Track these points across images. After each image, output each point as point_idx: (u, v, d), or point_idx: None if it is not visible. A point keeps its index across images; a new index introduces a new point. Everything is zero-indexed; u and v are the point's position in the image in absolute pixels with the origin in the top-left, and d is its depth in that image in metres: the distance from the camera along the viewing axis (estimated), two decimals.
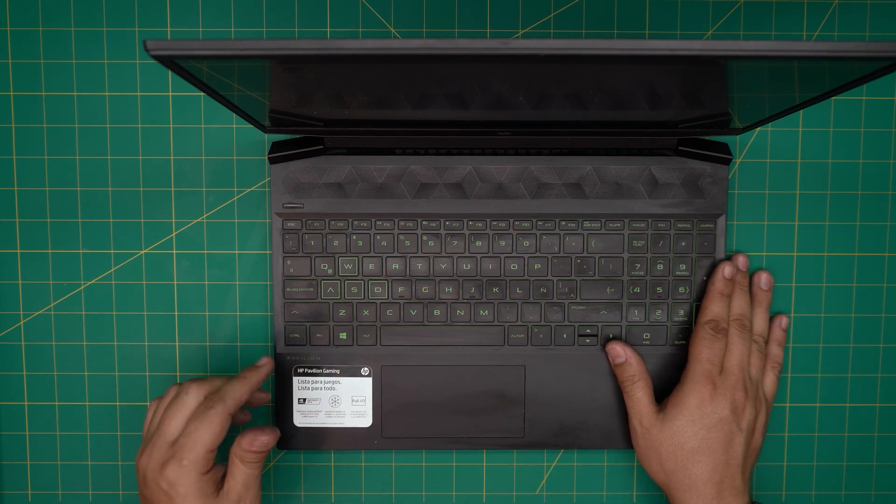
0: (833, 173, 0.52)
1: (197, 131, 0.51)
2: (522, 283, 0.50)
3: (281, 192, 0.49)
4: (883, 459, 0.53)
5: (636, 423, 0.48)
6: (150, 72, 0.50)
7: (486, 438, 0.50)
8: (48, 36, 0.50)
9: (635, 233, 0.50)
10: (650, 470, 0.47)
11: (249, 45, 0.27)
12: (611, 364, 0.49)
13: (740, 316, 0.48)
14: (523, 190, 0.49)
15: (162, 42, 0.27)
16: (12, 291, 0.51)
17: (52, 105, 0.50)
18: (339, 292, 0.50)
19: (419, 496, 0.53)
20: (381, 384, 0.50)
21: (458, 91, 0.37)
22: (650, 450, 0.47)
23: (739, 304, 0.48)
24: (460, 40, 0.27)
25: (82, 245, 0.51)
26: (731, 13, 0.50)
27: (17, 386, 0.52)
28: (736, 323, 0.48)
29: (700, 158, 0.49)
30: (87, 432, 0.52)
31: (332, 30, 0.50)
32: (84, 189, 0.51)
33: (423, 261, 0.50)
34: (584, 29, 0.50)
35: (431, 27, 0.50)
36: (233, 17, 0.50)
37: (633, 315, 0.50)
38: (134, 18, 0.50)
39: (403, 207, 0.49)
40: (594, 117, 0.44)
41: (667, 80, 0.36)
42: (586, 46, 0.27)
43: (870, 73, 0.31)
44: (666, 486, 0.47)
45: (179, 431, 0.42)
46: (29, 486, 0.52)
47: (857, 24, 0.50)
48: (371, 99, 0.39)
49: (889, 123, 0.51)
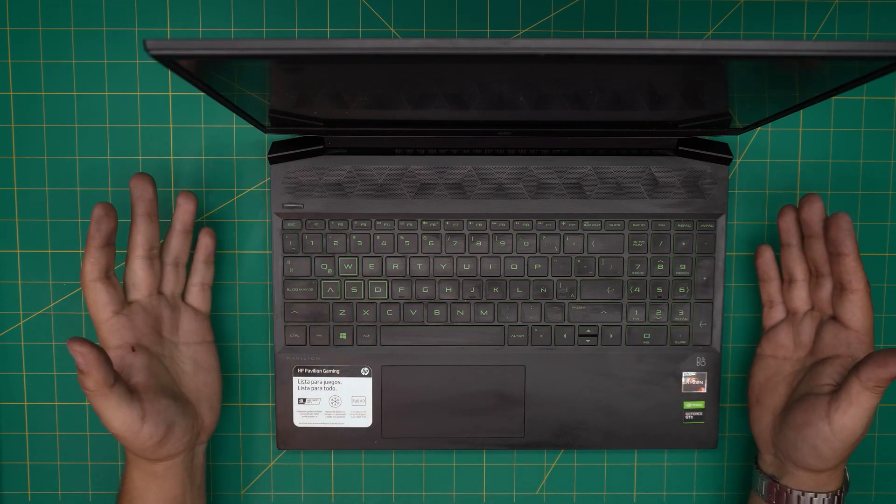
0: (833, 173, 0.51)
1: (197, 131, 0.51)
2: (522, 283, 0.50)
3: (281, 192, 0.49)
4: (883, 459, 0.53)
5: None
6: (150, 72, 0.50)
7: (486, 438, 0.50)
8: (48, 36, 0.50)
9: (635, 233, 0.50)
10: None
11: (249, 45, 0.27)
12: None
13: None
14: (523, 190, 0.49)
15: (162, 42, 0.27)
16: (12, 291, 0.51)
17: (52, 105, 0.50)
18: (339, 292, 0.50)
19: (419, 496, 0.53)
20: (381, 384, 0.50)
21: (457, 91, 0.37)
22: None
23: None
24: (460, 40, 0.27)
25: (82, 245, 0.51)
26: (731, 13, 0.50)
27: (17, 386, 0.52)
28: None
29: (700, 158, 0.49)
30: (86, 432, 0.52)
31: (332, 30, 0.50)
32: (84, 189, 0.51)
33: (423, 261, 0.50)
34: (584, 29, 0.50)
35: (431, 27, 0.50)
36: (233, 17, 0.50)
37: (633, 315, 0.50)
38: (134, 18, 0.50)
39: (403, 207, 0.49)
40: (594, 117, 0.44)
41: (667, 80, 0.36)
42: (586, 46, 0.27)
43: (870, 73, 0.31)
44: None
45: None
46: (29, 486, 0.52)
47: (857, 24, 0.50)
48: (371, 99, 0.39)
49: (889, 123, 0.51)
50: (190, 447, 0.44)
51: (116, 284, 0.43)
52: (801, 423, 0.43)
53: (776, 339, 0.47)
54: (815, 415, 0.42)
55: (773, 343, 0.47)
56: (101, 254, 0.41)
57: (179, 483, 0.44)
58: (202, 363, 0.46)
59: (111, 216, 0.41)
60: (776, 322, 0.48)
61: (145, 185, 0.43)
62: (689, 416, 0.50)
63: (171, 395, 0.43)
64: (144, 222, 0.43)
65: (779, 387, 0.46)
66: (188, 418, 0.43)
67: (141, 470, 0.43)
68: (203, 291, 0.47)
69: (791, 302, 0.47)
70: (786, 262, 0.47)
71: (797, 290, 0.47)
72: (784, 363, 0.47)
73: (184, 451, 0.44)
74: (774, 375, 0.47)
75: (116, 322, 0.42)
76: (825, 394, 0.42)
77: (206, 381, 0.46)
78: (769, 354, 0.47)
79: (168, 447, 0.42)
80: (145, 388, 0.41)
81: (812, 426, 0.42)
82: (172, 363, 0.45)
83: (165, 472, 0.43)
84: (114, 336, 0.42)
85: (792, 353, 0.47)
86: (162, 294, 0.45)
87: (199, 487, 0.46)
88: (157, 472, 0.43)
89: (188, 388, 0.45)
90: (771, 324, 0.48)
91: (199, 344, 0.46)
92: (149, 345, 0.44)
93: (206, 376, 0.46)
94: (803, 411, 0.43)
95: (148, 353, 0.43)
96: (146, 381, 0.42)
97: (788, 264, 0.47)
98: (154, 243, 0.44)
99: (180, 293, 0.47)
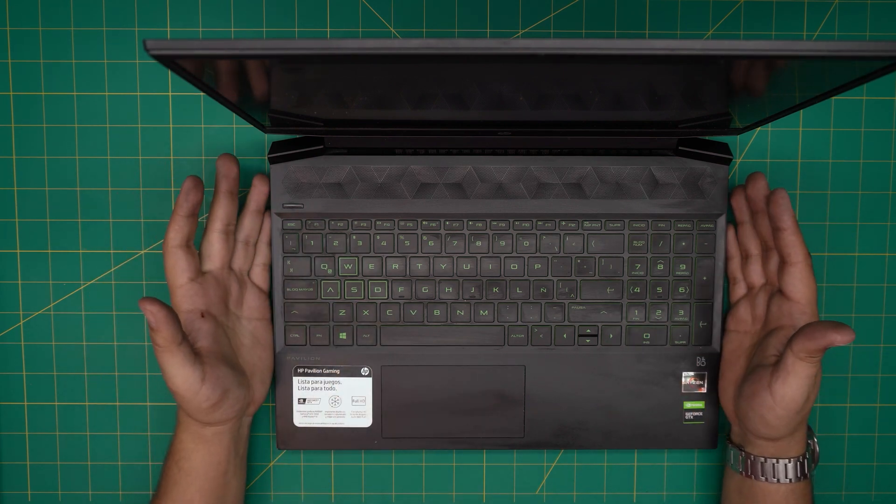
0: (833, 173, 0.52)
1: (197, 131, 0.51)
2: (522, 283, 0.50)
3: (281, 192, 0.49)
4: (883, 459, 0.53)
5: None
6: (150, 72, 0.50)
7: (486, 438, 0.50)
8: (48, 36, 0.50)
9: (635, 233, 0.50)
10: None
11: (249, 45, 0.27)
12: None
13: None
14: (523, 190, 0.49)
15: (162, 42, 0.27)
16: (12, 291, 0.51)
17: (52, 105, 0.50)
18: (339, 292, 0.50)
19: (419, 496, 0.53)
20: (381, 384, 0.50)
21: (457, 91, 0.37)
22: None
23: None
24: (460, 40, 0.27)
25: (82, 245, 0.51)
26: (731, 13, 0.50)
27: (17, 386, 0.52)
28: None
29: (700, 158, 0.49)
30: (86, 432, 0.52)
31: (332, 30, 0.50)
32: (84, 189, 0.51)
33: (423, 261, 0.50)
34: (584, 29, 0.50)
35: (431, 27, 0.50)
36: (233, 17, 0.50)
37: (633, 315, 0.50)
38: (134, 18, 0.50)
39: (403, 207, 0.49)
40: (594, 117, 0.44)
41: (667, 80, 0.36)
42: (586, 46, 0.27)
43: (870, 73, 0.31)
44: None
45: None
46: (29, 486, 0.52)
47: (857, 24, 0.50)
48: (371, 99, 0.39)
49: (889, 123, 0.51)
50: (239, 416, 0.46)
51: (195, 253, 0.45)
52: (749, 394, 0.45)
53: (737, 314, 0.49)
54: (760, 385, 0.44)
55: (736, 318, 0.49)
56: (185, 223, 0.44)
57: (225, 449, 0.46)
58: (259, 339, 0.48)
59: (199, 189, 0.44)
60: (738, 297, 0.50)
61: (230, 164, 0.46)
62: (689, 416, 0.50)
63: (229, 364, 0.45)
64: (225, 198, 0.46)
65: (739, 360, 0.48)
66: (242, 388, 0.45)
67: (191, 433, 0.45)
68: (264, 271, 0.50)
69: (748, 277, 0.49)
70: (741, 239, 0.50)
71: (752, 265, 0.49)
72: (745, 337, 0.49)
73: (234, 418, 0.46)
74: (737, 349, 0.49)
75: (191, 288, 0.45)
76: (769, 364, 0.44)
77: (260, 355, 0.48)
78: (732, 329, 0.49)
79: (220, 412, 0.44)
80: (208, 352, 0.44)
81: (758, 396, 0.44)
82: (234, 335, 0.47)
83: (213, 436, 0.45)
84: (186, 301, 0.45)
85: (750, 326, 0.49)
86: (232, 269, 0.48)
87: (241, 458, 0.48)
88: (206, 437, 0.45)
89: (244, 360, 0.47)
90: (734, 299, 0.50)
91: (259, 320, 0.49)
92: (216, 314, 0.46)
93: (261, 351, 0.48)
94: (752, 382, 0.45)
95: (215, 321, 0.46)
96: (210, 346, 0.44)
97: (743, 241, 0.49)
98: (231, 219, 0.47)
99: (248, 269, 0.49)
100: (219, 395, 0.43)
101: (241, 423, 0.47)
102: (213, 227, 0.46)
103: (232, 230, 0.47)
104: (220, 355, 0.44)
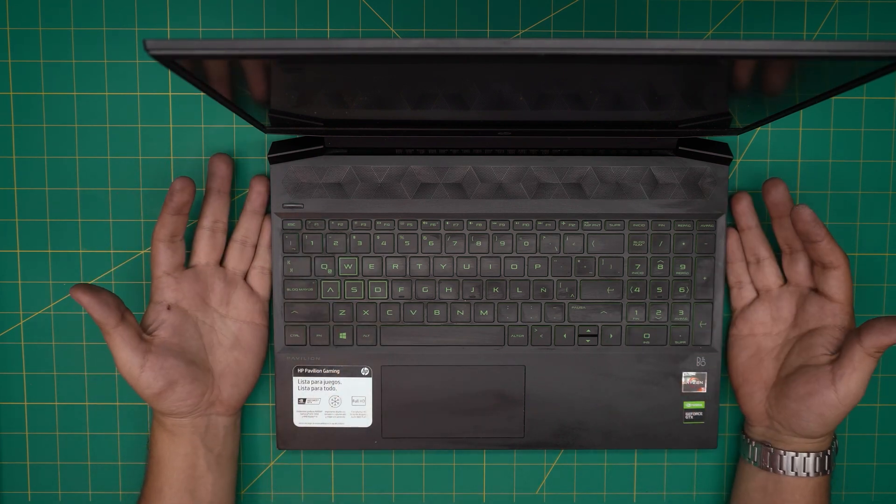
0: (833, 173, 0.52)
1: (197, 131, 0.51)
2: (522, 283, 0.50)
3: (281, 192, 0.49)
4: (883, 459, 0.53)
5: None
6: (150, 72, 0.50)
7: (486, 438, 0.50)
8: (48, 36, 0.50)
9: (635, 233, 0.50)
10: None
11: (249, 45, 0.27)
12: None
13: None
14: (523, 190, 0.49)
15: (162, 42, 0.27)
16: (12, 291, 0.51)
17: (52, 105, 0.50)
18: (339, 292, 0.50)
19: (419, 496, 0.53)
20: (381, 384, 0.50)
21: (457, 91, 0.37)
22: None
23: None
24: (460, 40, 0.27)
25: (82, 245, 0.51)
26: (731, 13, 0.50)
27: (17, 386, 0.52)
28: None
29: (700, 158, 0.49)
30: (86, 432, 0.52)
31: (332, 30, 0.50)
32: (84, 189, 0.51)
33: (423, 261, 0.50)
34: (584, 29, 0.50)
35: (431, 27, 0.50)
36: (233, 17, 0.50)
37: (633, 315, 0.50)
38: (134, 18, 0.50)
39: (403, 207, 0.49)
40: (594, 117, 0.44)
41: (667, 80, 0.36)
42: (586, 46, 0.27)
43: (870, 73, 0.31)
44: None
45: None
46: (29, 486, 0.52)
47: (857, 24, 0.50)
48: (371, 99, 0.39)
49: (889, 123, 0.51)
50: (198, 412, 0.46)
51: (177, 250, 0.46)
52: (804, 394, 0.45)
53: (752, 318, 0.49)
54: (820, 384, 0.44)
55: (750, 322, 0.49)
56: (170, 220, 0.45)
57: (189, 443, 0.46)
58: (242, 341, 0.48)
59: (187, 189, 0.44)
60: (748, 301, 0.49)
61: (219, 163, 0.47)
62: (689, 416, 0.50)
63: (185, 358, 0.45)
64: (214, 196, 0.47)
65: (764, 362, 0.48)
66: (197, 384, 0.46)
67: (157, 421, 0.47)
68: (262, 275, 0.49)
69: (763, 280, 0.49)
70: (750, 244, 0.49)
71: (767, 268, 0.49)
72: (764, 339, 0.48)
73: (189, 413, 0.46)
74: (757, 353, 0.48)
75: (164, 281, 0.46)
76: (825, 363, 0.44)
77: (238, 358, 0.48)
78: (747, 334, 0.49)
79: (168, 403, 0.45)
80: (161, 343, 0.45)
81: (817, 395, 0.44)
82: (211, 332, 0.47)
83: (174, 428, 0.46)
84: (157, 292, 0.46)
85: (771, 328, 0.48)
86: (222, 267, 0.48)
87: (217, 456, 0.48)
88: (167, 426, 0.46)
89: (216, 359, 0.47)
90: (743, 304, 0.50)
91: (247, 323, 0.48)
92: (188, 308, 0.46)
93: (240, 355, 0.48)
94: (806, 382, 0.45)
95: (183, 315, 0.46)
96: (168, 338, 0.45)
97: (753, 245, 0.49)
98: (219, 217, 0.48)
99: (243, 270, 0.49)
100: (161, 384, 0.44)
101: (209, 421, 0.47)
102: (201, 224, 0.48)
103: (220, 228, 0.48)
104: (177, 348, 0.45)
